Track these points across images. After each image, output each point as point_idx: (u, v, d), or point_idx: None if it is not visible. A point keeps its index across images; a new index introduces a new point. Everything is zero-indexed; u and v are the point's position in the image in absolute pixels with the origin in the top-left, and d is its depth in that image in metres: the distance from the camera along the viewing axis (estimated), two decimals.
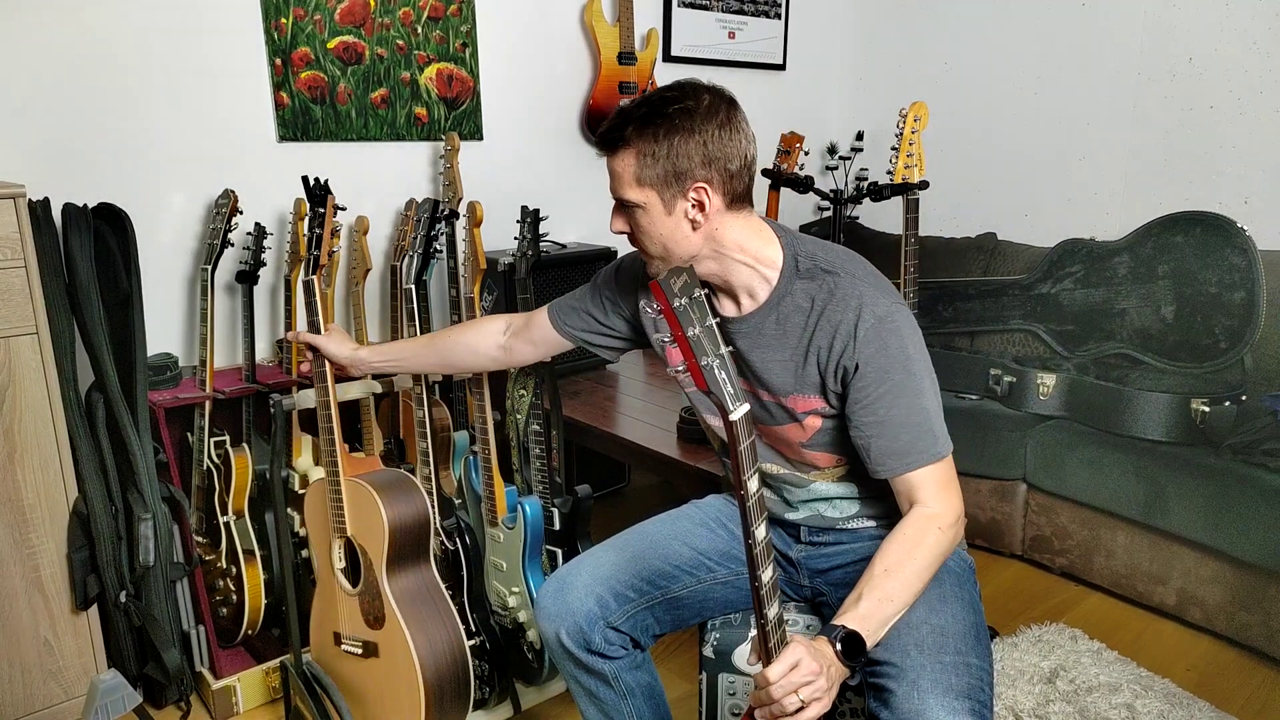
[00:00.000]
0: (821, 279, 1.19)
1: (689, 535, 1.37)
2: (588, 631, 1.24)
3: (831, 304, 1.16)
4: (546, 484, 1.80)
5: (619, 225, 1.22)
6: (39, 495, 1.67)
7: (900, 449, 1.14)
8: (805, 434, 1.23)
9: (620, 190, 1.17)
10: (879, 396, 1.14)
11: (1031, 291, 2.67)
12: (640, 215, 1.17)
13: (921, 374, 1.16)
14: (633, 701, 1.31)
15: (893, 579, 1.08)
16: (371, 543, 1.57)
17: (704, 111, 1.13)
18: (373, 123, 2.31)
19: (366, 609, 1.60)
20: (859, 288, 1.17)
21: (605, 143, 1.18)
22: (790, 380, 1.20)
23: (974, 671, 1.07)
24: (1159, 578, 2.21)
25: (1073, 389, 2.42)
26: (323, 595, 1.70)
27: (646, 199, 1.15)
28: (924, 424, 1.15)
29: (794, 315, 1.19)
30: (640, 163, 1.14)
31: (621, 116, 1.16)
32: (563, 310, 1.46)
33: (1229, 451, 2.15)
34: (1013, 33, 3.00)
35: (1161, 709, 1.83)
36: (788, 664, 0.94)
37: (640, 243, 1.22)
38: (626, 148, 1.14)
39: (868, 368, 1.14)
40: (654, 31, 2.83)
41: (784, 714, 0.95)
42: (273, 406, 1.62)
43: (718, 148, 1.13)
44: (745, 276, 1.21)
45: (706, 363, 0.86)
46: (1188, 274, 2.36)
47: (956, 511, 1.16)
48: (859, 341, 1.14)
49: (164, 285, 2.07)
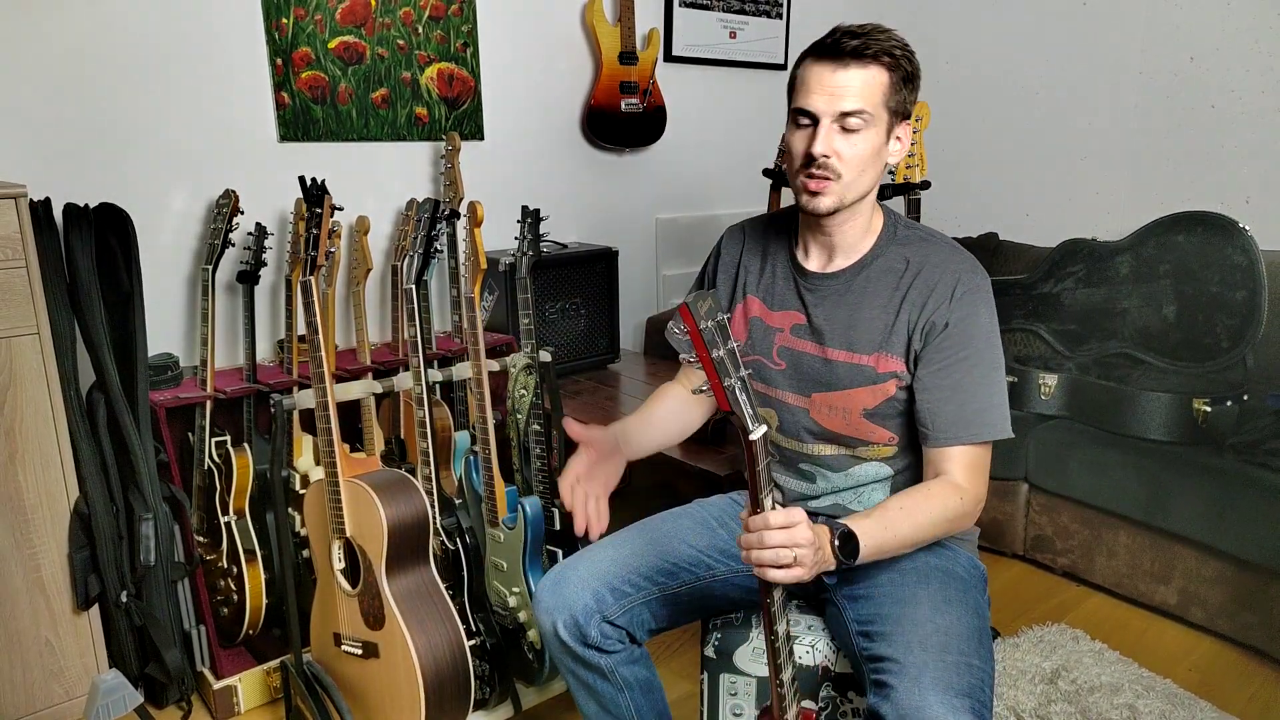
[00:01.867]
0: (918, 245, 1.24)
1: (689, 533, 1.37)
2: (584, 625, 1.25)
3: (928, 266, 1.21)
4: (547, 484, 1.80)
5: (832, 143, 1.16)
6: (40, 495, 1.67)
7: (966, 417, 1.17)
8: (874, 400, 1.24)
9: (862, 101, 1.15)
10: (959, 361, 1.18)
11: (1033, 291, 2.67)
12: (862, 136, 1.17)
13: (999, 352, 1.21)
14: (630, 695, 1.31)
15: (905, 517, 1.11)
16: (371, 543, 1.57)
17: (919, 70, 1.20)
18: (373, 123, 2.31)
19: (366, 609, 1.60)
20: (956, 256, 1.23)
21: (857, 52, 1.15)
22: (878, 337, 1.22)
23: (975, 672, 1.07)
24: (1161, 578, 2.21)
25: (1074, 389, 2.42)
26: (323, 596, 1.70)
27: (880, 119, 1.17)
28: (996, 398, 1.19)
29: (886, 275, 1.24)
30: (892, 84, 1.17)
31: (873, 34, 1.16)
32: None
33: (1231, 451, 2.15)
34: (1014, 32, 3.00)
35: (1163, 709, 1.82)
36: (788, 519, 0.97)
37: (842, 162, 1.17)
38: (880, 63, 1.16)
39: (955, 329, 1.18)
40: (655, 31, 2.83)
41: (761, 560, 0.97)
42: (273, 406, 1.62)
43: (915, 103, 1.22)
44: (855, 233, 1.25)
45: (729, 384, 0.91)
46: (1189, 273, 2.36)
47: (979, 495, 1.19)
48: (954, 302, 1.18)
49: (165, 285, 2.07)
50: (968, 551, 1.29)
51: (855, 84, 1.16)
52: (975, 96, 3.12)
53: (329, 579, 1.66)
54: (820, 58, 1.19)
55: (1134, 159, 2.76)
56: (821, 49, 1.20)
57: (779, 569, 0.97)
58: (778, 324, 1.31)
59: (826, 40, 1.19)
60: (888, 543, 1.10)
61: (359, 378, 2.00)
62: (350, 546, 1.61)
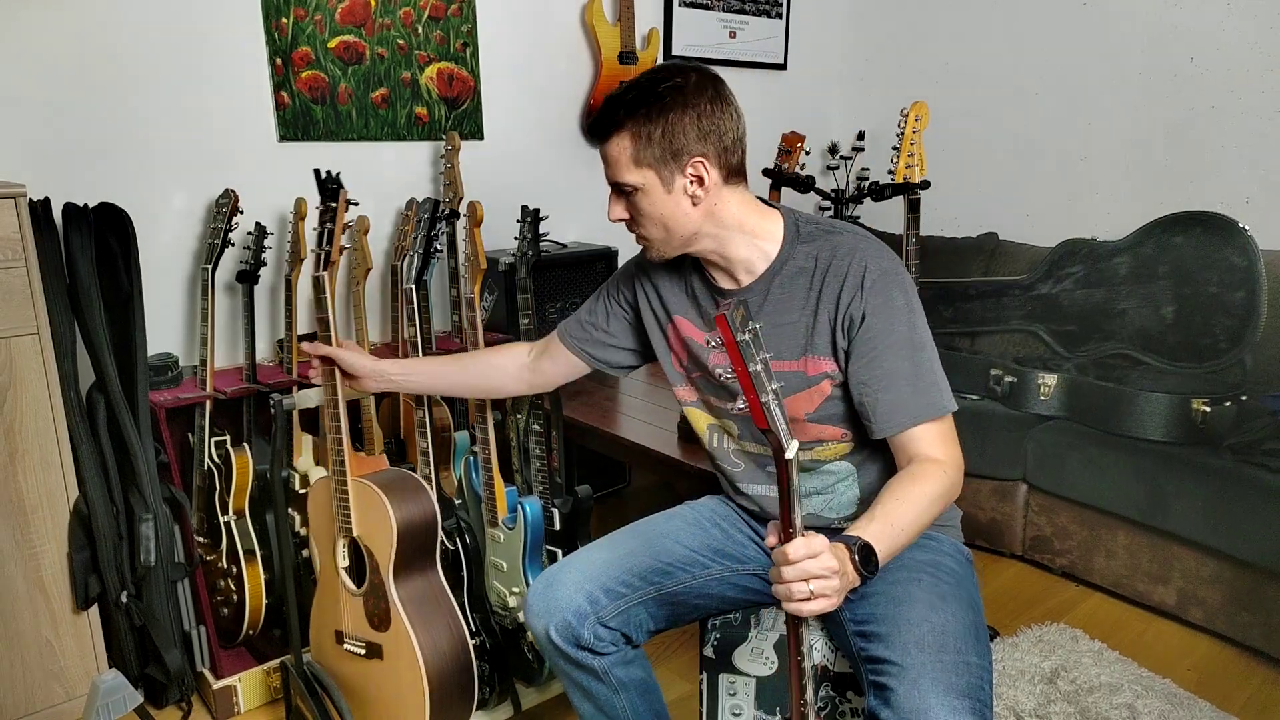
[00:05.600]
0: (824, 239, 1.23)
1: (682, 533, 1.37)
2: (576, 627, 1.25)
3: (836, 259, 1.20)
4: (547, 484, 1.80)
5: (618, 212, 1.24)
6: (40, 495, 1.67)
7: (906, 402, 1.16)
8: (813, 404, 1.23)
9: (617, 175, 1.19)
10: (885, 349, 1.17)
11: (1032, 292, 2.67)
12: (640, 198, 1.19)
13: (924, 329, 1.19)
14: (625, 696, 1.31)
15: (905, 508, 1.09)
16: (379, 544, 1.56)
17: (693, 88, 1.16)
18: (373, 122, 2.31)
19: (371, 610, 1.59)
20: (861, 244, 1.21)
21: (598, 130, 1.19)
22: (802, 341, 1.22)
23: (974, 670, 1.07)
24: (1159, 578, 2.21)
25: (1073, 389, 2.42)
26: (324, 594, 1.69)
27: (645, 180, 1.17)
28: (929, 377, 1.17)
29: (798, 277, 1.22)
30: (636, 144, 1.16)
31: (612, 102, 1.18)
32: (569, 324, 1.48)
33: (1229, 452, 2.15)
34: (1014, 32, 3.00)
35: (1162, 709, 1.83)
36: (809, 549, 0.94)
37: (640, 226, 1.23)
38: (620, 131, 1.16)
39: (874, 319, 1.17)
40: (655, 31, 2.83)
41: (790, 598, 0.94)
42: (273, 406, 1.62)
43: (710, 122, 1.16)
44: (744, 250, 1.24)
45: (765, 400, 0.89)
46: (1188, 274, 2.36)
47: (958, 461, 1.18)
48: (866, 291, 1.17)
49: (164, 285, 2.07)
50: (951, 537, 1.29)
51: (607, 158, 1.19)
52: (975, 96, 3.12)
53: (331, 577, 1.65)
54: (588, 133, 1.25)
55: (1134, 159, 2.76)
56: (588, 125, 1.25)
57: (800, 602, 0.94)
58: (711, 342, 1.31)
59: None
60: (897, 539, 1.08)
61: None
62: (356, 546, 1.60)
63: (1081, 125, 2.87)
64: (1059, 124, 2.92)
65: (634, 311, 1.42)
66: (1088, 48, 2.82)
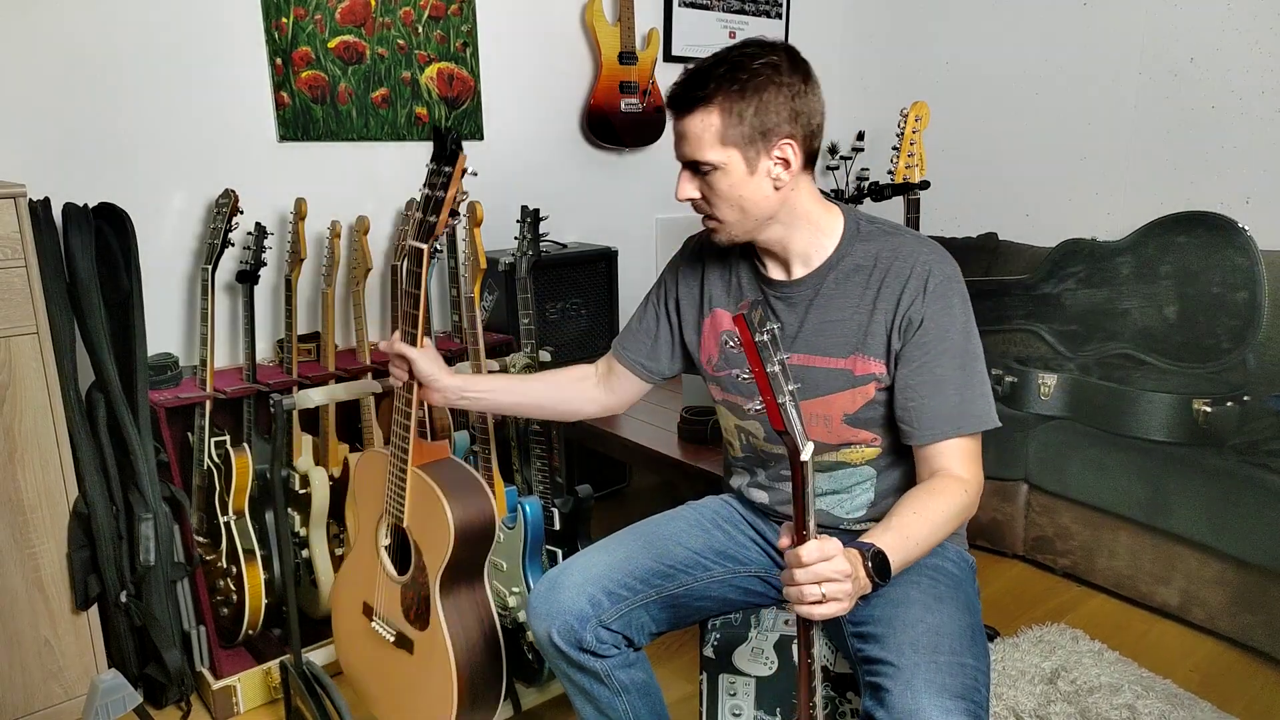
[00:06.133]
0: (884, 239, 1.20)
1: (684, 535, 1.36)
2: (579, 630, 1.24)
3: (898, 260, 1.18)
4: (547, 484, 1.80)
5: (689, 191, 1.18)
6: (39, 495, 1.67)
7: (950, 412, 1.15)
8: (854, 404, 1.21)
9: (697, 152, 1.13)
10: (938, 355, 1.15)
11: (1033, 292, 2.67)
12: (718, 178, 1.14)
13: (978, 342, 1.18)
14: (627, 699, 1.30)
15: (921, 522, 1.08)
16: (431, 546, 1.42)
17: (788, 65, 1.12)
18: (373, 122, 2.31)
19: (409, 603, 1.47)
20: (924, 248, 1.19)
21: (682, 103, 1.13)
22: (853, 339, 1.20)
23: (969, 672, 1.07)
24: (1161, 578, 2.21)
25: (1075, 389, 2.42)
26: (358, 560, 1.56)
27: (728, 159, 1.13)
28: (979, 389, 1.17)
29: (854, 275, 1.20)
30: (725, 120, 1.11)
31: (699, 74, 1.12)
32: (622, 338, 1.42)
33: (1232, 452, 2.15)
34: (1014, 32, 3.00)
35: (1163, 710, 1.82)
36: (822, 553, 0.93)
37: (713, 207, 1.18)
38: (708, 105, 1.11)
39: (931, 324, 1.15)
40: (655, 31, 2.83)
41: (802, 600, 0.94)
42: (273, 406, 1.62)
43: (803, 103, 1.13)
44: (805, 242, 1.22)
45: (782, 401, 0.88)
46: (1190, 274, 2.35)
47: (980, 482, 1.17)
48: (928, 295, 1.15)
49: (164, 285, 2.07)
50: (954, 544, 1.28)
51: (688, 134, 1.14)
52: (975, 96, 3.12)
53: (369, 548, 1.53)
54: (666, 105, 1.18)
55: (1134, 159, 2.76)
56: (666, 96, 1.18)
57: (812, 605, 0.94)
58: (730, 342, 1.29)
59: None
60: (911, 552, 1.07)
61: (359, 377, 2.00)
62: (402, 533, 1.47)
63: (1082, 125, 2.86)
64: (1059, 124, 2.92)
65: (676, 302, 1.38)
66: (1088, 48, 2.81)
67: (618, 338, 1.44)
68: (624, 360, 1.42)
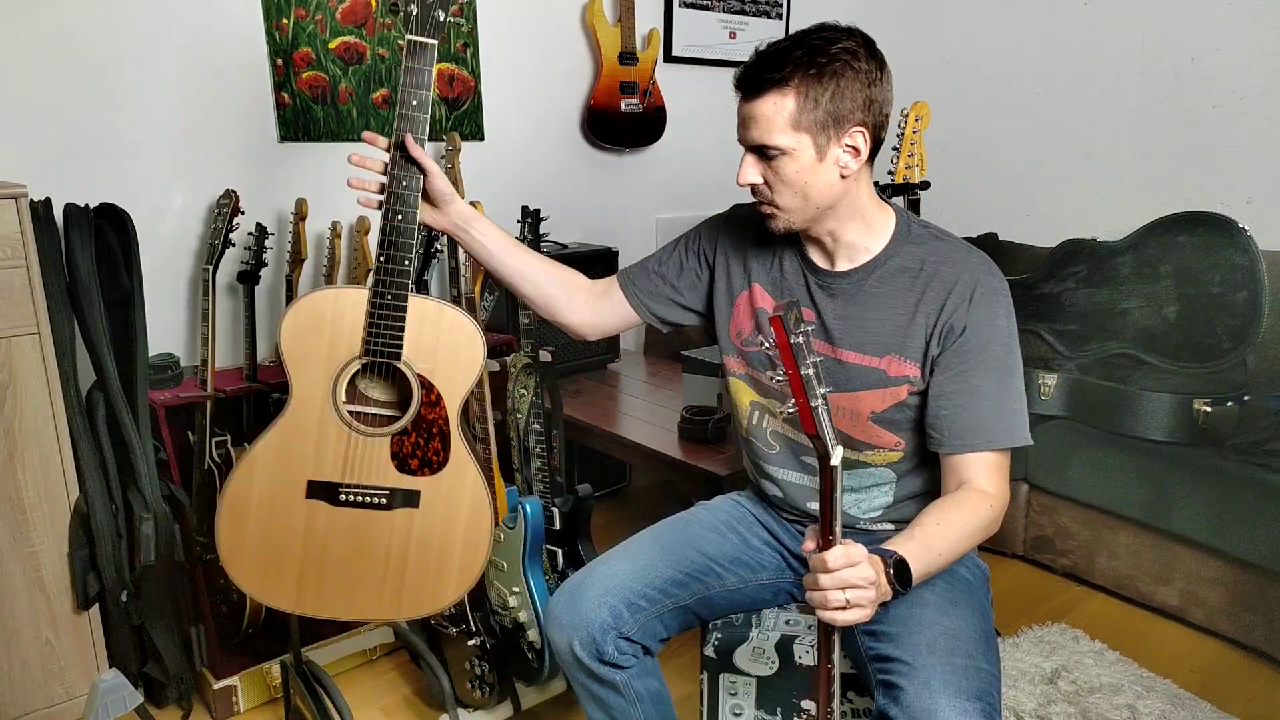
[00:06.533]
0: (933, 244, 1.20)
1: (699, 540, 1.35)
2: (600, 642, 1.23)
3: (945, 266, 1.17)
4: (547, 484, 1.80)
5: (752, 176, 1.15)
6: (40, 494, 1.67)
7: (985, 423, 1.14)
8: (883, 404, 1.20)
9: (767, 135, 1.10)
10: (976, 365, 1.14)
11: (1034, 292, 2.67)
12: (785, 163, 1.11)
13: (1018, 357, 1.17)
14: (641, 708, 1.30)
15: (944, 534, 1.08)
16: (449, 373, 1.31)
17: (865, 53, 1.10)
18: (374, 123, 2.31)
19: (407, 451, 1.32)
20: (973, 257, 1.18)
21: (755, 84, 1.09)
22: (891, 340, 1.18)
23: (984, 676, 1.07)
24: (1161, 578, 2.21)
25: (1075, 389, 2.42)
26: (287, 439, 1.32)
27: (798, 145, 1.10)
28: (1014, 403, 1.15)
29: (899, 275, 1.19)
30: (800, 104, 1.08)
31: (775, 56, 1.09)
32: (634, 272, 1.39)
33: (1232, 452, 2.15)
34: (1015, 32, 3.00)
35: (1164, 710, 1.82)
36: (849, 559, 0.93)
37: (776, 193, 1.15)
38: (784, 88, 1.07)
39: (973, 333, 1.14)
40: (655, 32, 2.83)
41: (826, 605, 0.93)
42: (274, 407, 1.62)
43: (878, 91, 1.11)
44: (856, 235, 1.20)
45: (815, 405, 0.87)
46: (1190, 274, 2.35)
47: (1005, 498, 1.17)
48: (973, 304, 1.14)
49: (165, 285, 2.07)
50: (969, 552, 1.28)
51: (759, 116, 1.10)
52: (975, 96, 3.12)
53: (312, 417, 1.31)
54: (736, 86, 1.14)
55: (1134, 159, 2.76)
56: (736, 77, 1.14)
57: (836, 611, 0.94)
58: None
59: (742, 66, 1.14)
60: (932, 563, 1.07)
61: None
62: (386, 374, 1.33)
63: (1082, 125, 2.86)
64: (1059, 124, 2.92)
65: (709, 271, 1.35)
66: (1088, 47, 2.81)
67: (626, 270, 1.40)
68: (628, 292, 1.38)
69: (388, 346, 1.29)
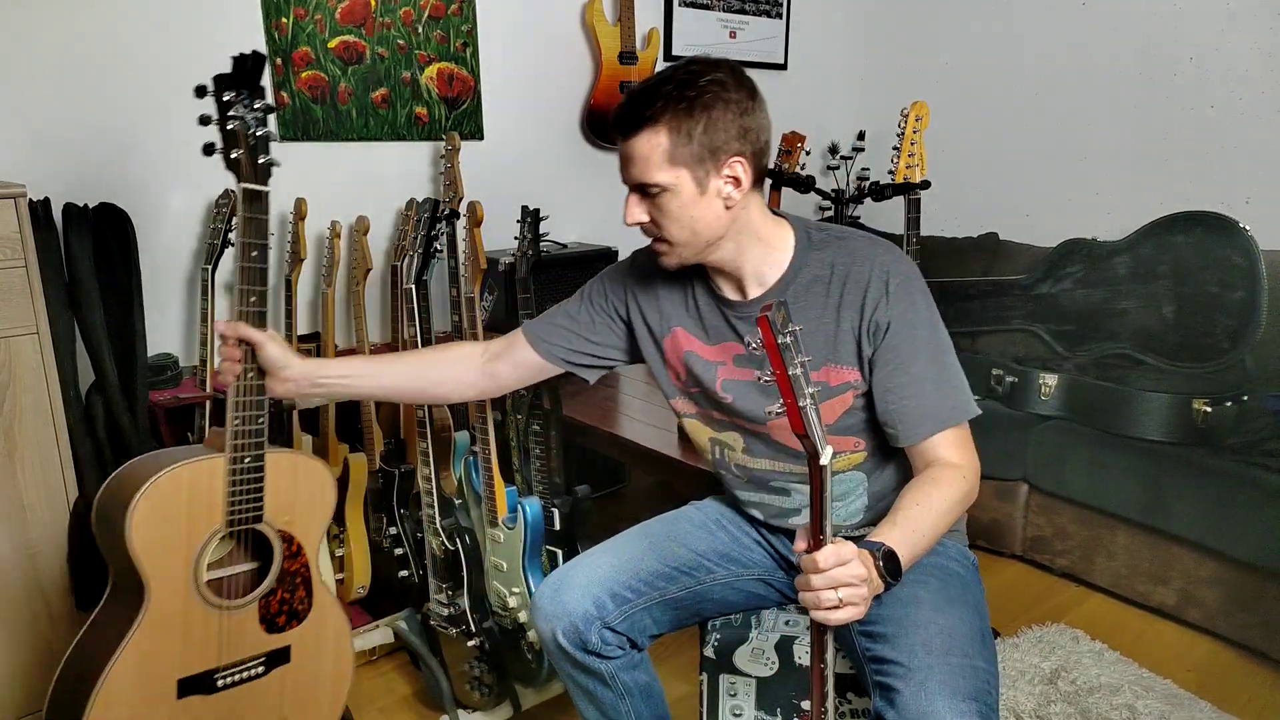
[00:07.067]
0: (837, 246, 1.20)
1: (687, 537, 1.36)
2: (584, 631, 1.24)
3: (855, 265, 1.17)
4: (546, 484, 1.80)
5: (638, 214, 1.16)
6: (39, 495, 1.67)
7: (933, 409, 1.15)
8: (834, 414, 1.21)
9: (646, 174, 1.11)
10: (911, 355, 1.15)
11: (1032, 291, 2.67)
12: (667, 199, 1.12)
13: (945, 333, 1.18)
14: (630, 701, 1.31)
15: (925, 512, 1.08)
16: (308, 519, 1.31)
17: (734, 83, 1.11)
18: (373, 122, 2.31)
19: (274, 610, 1.31)
20: (878, 249, 1.18)
21: (626, 123, 1.11)
22: (824, 350, 1.18)
23: (981, 674, 1.07)
24: (1159, 578, 2.21)
25: (1073, 389, 2.42)
26: (153, 641, 1.22)
27: (677, 180, 1.11)
28: (954, 380, 1.17)
29: (813, 285, 1.19)
30: (673, 140, 1.09)
31: (645, 94, 1.10)
32: (540, 326, 1.37)
33: (1230, 452, 2.15)
34: (1014, 32, 3.00)
35: (1162, 710, 1.82)
36: (839, 557, 0.93)
37: (663, 230, 1.16)
38: (655, 125, 1.09)
39: (900, 324, 1.14)
40: (655, 31, 2.83)
41: (818, 606, 0.93)
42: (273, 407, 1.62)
43: (751, 120, 1.12)
44: (758, 259, 1.20)
45: (804, 404, 0.86)
46: (1189, 274, 2.36)
47: (976, 466, 1.17)
48: (890, 296, 1.14)
49: (164, 285, 2.07)
50: (956, 542, 1.28)
51: (635, 155, 1.11)
52: (975, 96, 3.12)
53: (173, 612, 1.24)
54: (611, 127, 1.15)
55: (1134, 159, 2.76)
56: (611, 117, 1.15)
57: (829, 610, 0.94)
58: (717, 357, 1.26)
59: None
60: (919, 545, 1.07)
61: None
62: (246, 540, 1.30)
63: (1081, 125, 2.87)
64: (1059, 124, 2.92)
65: (623, 322, 1.35)
66: (1087, 48, 2.82)
67: (532, 327, 1.37)
68: (540, 349, 1.35)
69: (249, 511, 1.27)
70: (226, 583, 1.30)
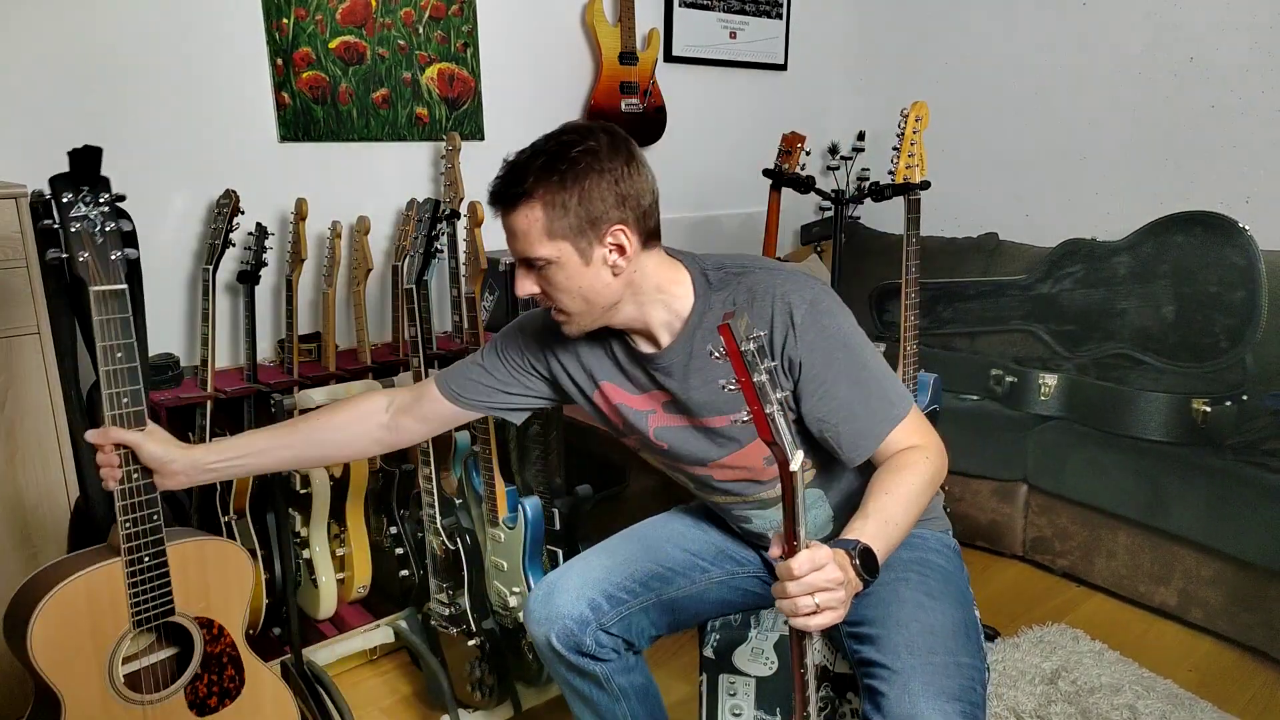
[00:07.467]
0: (735, 282, 1.16)
1: (681, 537, 1.36)
2: (578, 634, 1.23)
3: (757, 301, 1.13)
4: (546, 485, 1.80)
5: (528, 287, 1.13)
6: (40, 495, 1.67)
7: (868, 426, 1.12)
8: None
9: (527, 249, 1.09)
10: (832, 381, 1.12)
11: (1032, 291, 2.67)
12: (554, 271, 1.09)
13: (861, 344, 1.14)
14: (626, 704, 1.30)
15: (895, 501, 1.06)
16: (225, 602, 1.31)
17: (608, 149, 1.08)
18: (374, 123, 2.31)
19: (201, 695, 1.30)
20: (774, 279, 1.14)
21: (503, 199, 1.08)
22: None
23: (965, 671, 1.07)
24: (1160, 578, 2.21)
25: (1073, 389, 2.42)
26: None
27: (560, 253, 1.08)
28: (879, 391, 1.13)
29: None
30: (549, 214, 1.06)
31: (516, 169, 1.08)
32: (454, 380, 1.33)
33: (1230, 452, 2.15)
34: (1014, 32, 3.00)
35: (1163, 710, 1.82)
36: (813, 562, 0.91)
37: (555, 301, 1.13)
38: (529, 200, 1.06)
39: (814, 356, 1.11)
40: (655, 31, 2.83)
41: (796, 612, 0.92)
42: (274, 406, 1.62)
43: (629, 185, 1.08)
44: (662, 313, 1.17)
45: (770, 411, 0.85)
46: (1188, 274, 2.36)
47: (938, 444, 1.15)
48: (798, 330, 1.11)
49: (165, 285, 2.07)
50: (934, 530, 1.26)
51: (515, 231, 1.09)
52: (975, 96, 3.12)
53: (92, 715, 1.23)
54: (488, 202, 1.12)
55: (1134, 159, 2.76)
56: (488, 191, 1.12)
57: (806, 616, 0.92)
58: (647, 406, 1.25)
59: None
60: (894, 535, 1.05)
61: (360, 377, 2.00)
62: (163, 633, 1.28)
63: (1081, 125, 2.87)
64: (1059, 124, 2.92)
65: (544, 377, 1.32)
66: (1087, 48, 2.82)
67: (445, 379, 1.33)
68: (461, 401, 1.32)
69: (158, 608, 1.24)
70: (146, 674, 1.28)
